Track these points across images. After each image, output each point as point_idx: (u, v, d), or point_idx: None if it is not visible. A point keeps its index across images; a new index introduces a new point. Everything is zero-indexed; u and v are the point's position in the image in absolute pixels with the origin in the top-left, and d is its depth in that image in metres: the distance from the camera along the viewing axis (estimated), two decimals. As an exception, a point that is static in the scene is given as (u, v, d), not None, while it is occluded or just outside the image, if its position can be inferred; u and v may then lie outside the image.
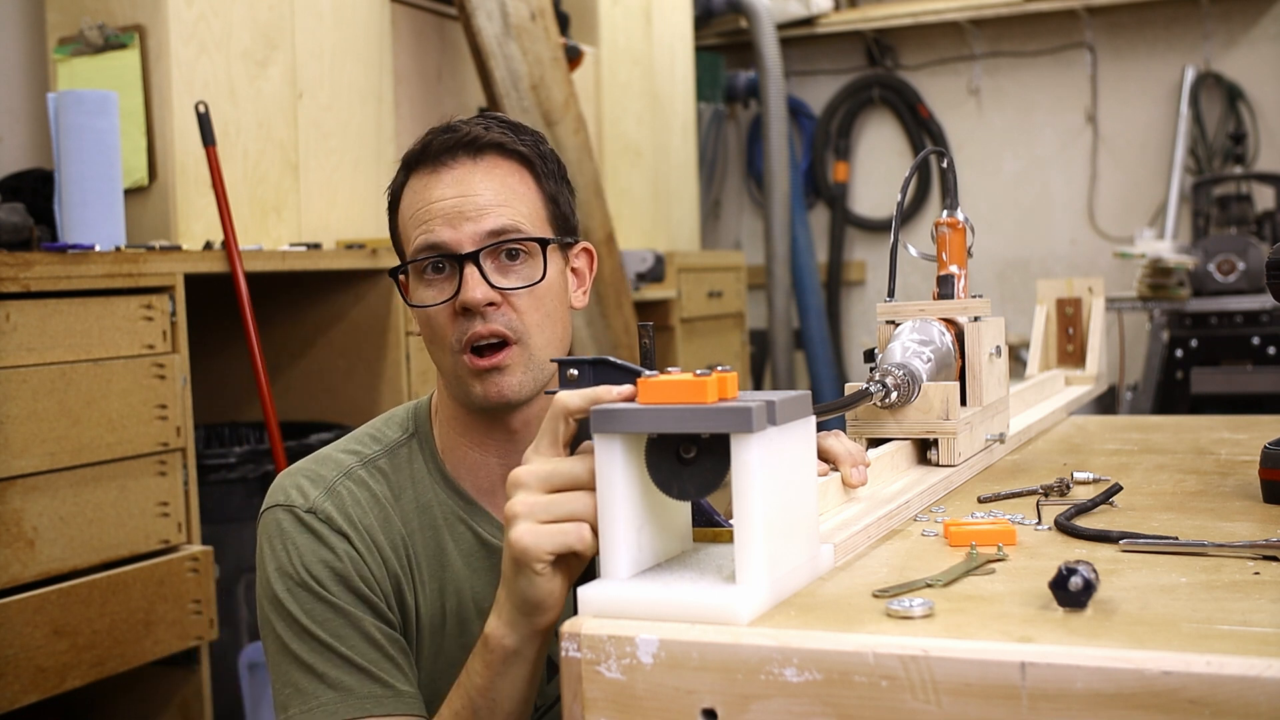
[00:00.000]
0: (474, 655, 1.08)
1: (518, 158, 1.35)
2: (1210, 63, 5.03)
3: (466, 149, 1.33)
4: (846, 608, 0.84)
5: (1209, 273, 3.99)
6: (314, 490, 1.31)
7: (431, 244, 1.31)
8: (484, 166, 1.33)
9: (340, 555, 1.29)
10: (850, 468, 1.16)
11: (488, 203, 1.31)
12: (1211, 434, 1.66)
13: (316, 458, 1.36)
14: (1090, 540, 1.03)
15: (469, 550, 1.36)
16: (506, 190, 1.33)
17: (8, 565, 2.02)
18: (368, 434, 1.40)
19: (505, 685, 1.07)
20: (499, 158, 1.34)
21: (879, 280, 5.54)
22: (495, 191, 1.32)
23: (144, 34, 2.57)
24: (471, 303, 1.28)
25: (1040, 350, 2.07)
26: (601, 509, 0.86)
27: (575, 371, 0.95)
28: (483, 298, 1.29)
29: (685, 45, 4.72)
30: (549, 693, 1.39)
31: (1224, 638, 0.75)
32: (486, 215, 1.30)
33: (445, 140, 1.33)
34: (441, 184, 1.32)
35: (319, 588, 1.27)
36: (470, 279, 1.29)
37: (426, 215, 1.31)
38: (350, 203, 3.03)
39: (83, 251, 2.18)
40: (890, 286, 1.46)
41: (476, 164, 1.33)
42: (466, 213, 1.30)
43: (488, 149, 1.33)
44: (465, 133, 1.33)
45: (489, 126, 1.35)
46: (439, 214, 1.31)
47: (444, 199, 1.31)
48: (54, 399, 2.09)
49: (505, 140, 1.34)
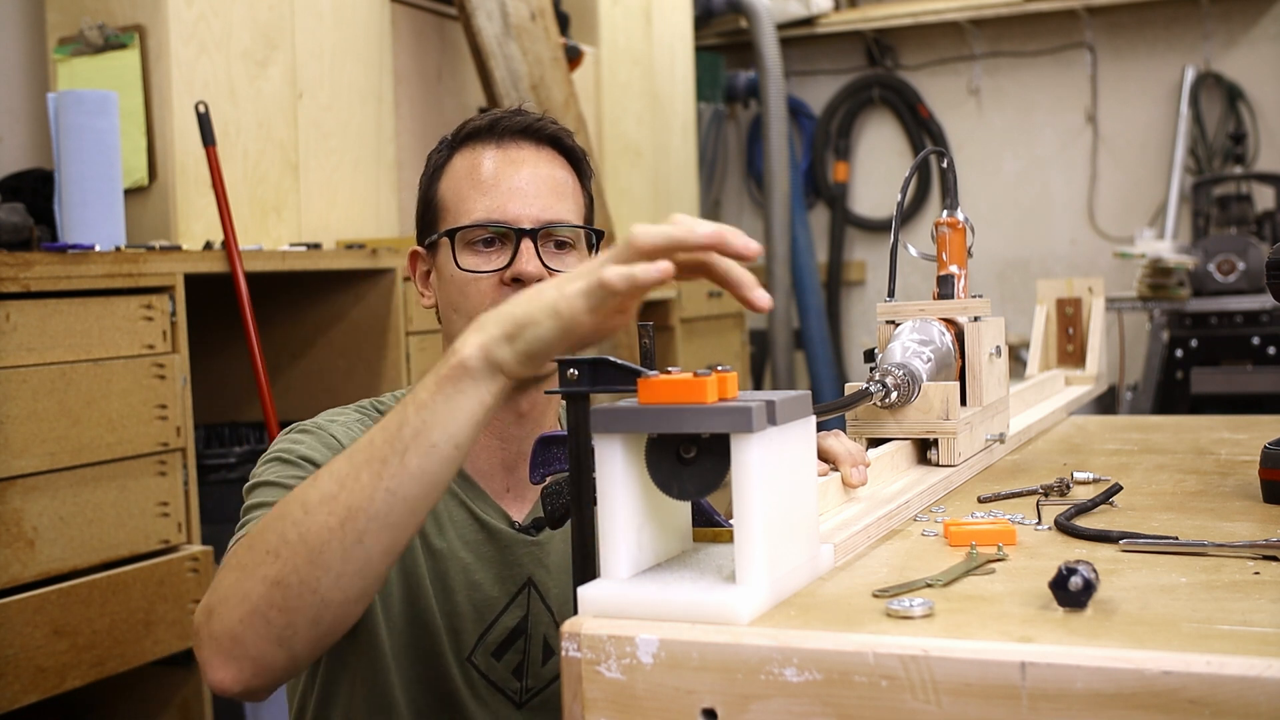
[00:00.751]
0: (430, 372, 1.00)
1: (571, 156, 1.43)
2: (1210, 63, 5.03)
3: (533, 135, 1.40)
4: (846, 608, 0.84)
5: (1209, 273, 3.99)
6: (320, 419, 1.36)
7: (491, 215, 1.35)
8: (545, 156, 1.40)
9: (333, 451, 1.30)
10: (850, 468, 1.16)
11: (548, 190, 1.37)
12: (1211, 434, 1.66)
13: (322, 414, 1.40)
14: (1090, 540, 1.03)
15: (462, 525, 1.38)
16: (563, 184, 1.40)
17: (8, 565, 2.02)
18: (370, 401, 1.44)
19: (444, 412, 0.97)
20: (557, 152, 1.42)
21: (879, 280, 5.54)
22: (556, 182, 1.39)
23: (144, 34, 2.57)
24: (526, 275, 1.33)
25: (1040, 350, 2.07)
26: (602, 509, 0.86)
27: (575, 371, 0.95)
28: (536, 272, 1.33)
29: (685, 45, 4.72)
30: (544, 675, 1.40)
31: (1224, 638, 0.75)
32: (546, 201, 1.37)
33: (517, 122, 1.39)
34: (509, 161, 1.38)
35: (302, 460, 1.28)
36: (526, 252, 1.34)
37: (488, 187, 1.36)
38: (350, 203, 3.03)
39: (83, 251, 2.18)
40: (890, 286, 1.46)
41: (539, 152, 1.40)
42: (528, 194, 1.36)
43: (550, 141, 1.41)
44: (534, 119, 1.40)
45: (551, 120, 1.43)
46: (502, 188, 1.36)
47: (510, 176, 1.36)
48: (54, 399, 2.09)
49: (564, 136, 1.42)
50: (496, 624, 1.38)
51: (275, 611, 1.01)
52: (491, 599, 1.38)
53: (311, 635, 1.02)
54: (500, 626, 1.38)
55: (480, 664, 1.38)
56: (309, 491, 1.01)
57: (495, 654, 1.38)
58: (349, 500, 0.98)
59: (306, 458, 1.28)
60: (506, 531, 1.39)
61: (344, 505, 0.99)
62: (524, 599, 1.39)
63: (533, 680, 1.40)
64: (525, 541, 1.40)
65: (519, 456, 1.41)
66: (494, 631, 1.38)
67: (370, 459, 0.99)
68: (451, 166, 1.40)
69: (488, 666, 1.38)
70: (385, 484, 0.98)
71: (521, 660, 1.39)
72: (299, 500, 1.02)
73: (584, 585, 0.85)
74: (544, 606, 1.40)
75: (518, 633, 1.39)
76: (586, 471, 0.93)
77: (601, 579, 0.86)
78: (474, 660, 1.37)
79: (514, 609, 1.39)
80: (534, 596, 1.40)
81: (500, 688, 1.38)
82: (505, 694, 1.39)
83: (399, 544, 1.01)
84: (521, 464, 1.42)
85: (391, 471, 0.98)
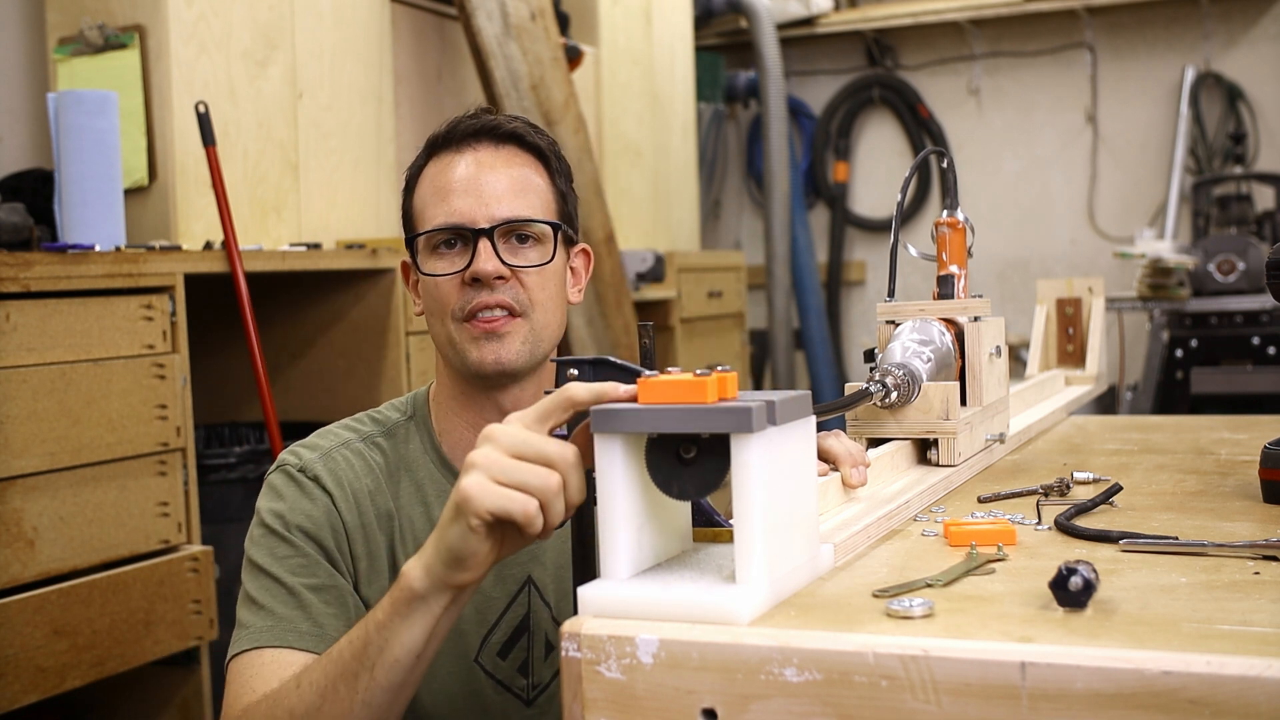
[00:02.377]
0: (387, 593, 1.08)
1: (535, 151, 1.42)
2: (1210, 63, 5.03)
3: (490, 135, 1.40)
4: (846, 608, 0.84)
5: (1209, 273, 3.99)
6: (309, 454, 1.38)
7: (449, 219, 1.36)
8: (504, 155, 1.40)
9: (318, 507, 1.33)
10: (850, 468, 1.16)
11: (505, 189, 1.37)
12: (1211, 434, 1.66)
13: (319, 432, 1.42)
14: (1090, 540, 1.03)
15: None
16: (523, 180, 1.39)
17: (8, 565, 2.02)
18: (368, 415, 1.45)
19: (402, 631, 1.05)
20: (518, 148, 1.41)
21: (879, 280, 5.54)
22: (513, 179, 1.38)
23: (144, 34, 2.57)
24: (482, 274, 1.34)
25: (1040, 350, 2.07)
26: (602, 509, 0.87)
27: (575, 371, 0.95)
28: (493, 270, 1.34)
29: (685, 45, 4.72)
30: (547, 671, 1.40)
31: (1224, 638, 0.75)
32: (503, 199, 1.37)
33: (470, 125, 1.40)
34: (464, 164, 1.38)
35: (286, 531, 1.32)
36: (483, 251, 1.35)
37: (447, 192, 1.37)
38: (350, 203, 3.03)
39: (83, 251, 2.18)
40: (890, 286, 1.46)
41: (498, 151, 1.40)
42: (484, 194, 1.37)
43: (509, 139, 1.41)
44: (490, 120, 1.40)
45: (511, 119, 1.42)
46: (459, 191, 1.37)
47: (464, 178, 1.37)
48: (54, 399, 2.09)
49: (525, 133, 1.42)
50: (500, 624, 1.39)
51: None
52: (492, 599, 1.39)
53: None
54: (504, 626, 1.39)
55: (487, 664, 1.38)
56: (295, 704, 1.12)
57: (501, 653, 1.39)
58: (332, 712, 1.10)
59: (300, 527, 1.33)
60: None
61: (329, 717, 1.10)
62: (524, 597, 1.40)
63: (537, 677, 1.41)
64: None
65: None
66: (498, 631, 1.39)
67: (344, 674, 1.09)
68: (421, 177, 1.42)
69: (494, 666, 1.39)
70: (360, 697, 1.08)
71: (526, 658, 1.40)
72: (287, 710, 1.13)
73: (584, 585, 0.85)
74: (543, 603, 1.41)
75: (521, 631, 1.40)
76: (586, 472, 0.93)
77: (601, 579, 0.86)
78: (481, 661, 1.38)
79: (515, 607, 1.40)
80: (533, 594, 1.41)
81: (508, 686, 1.39)
82: (513, 692, 1.39)
83: None
84: None
85: (364, 685, 1.08)
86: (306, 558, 1.31)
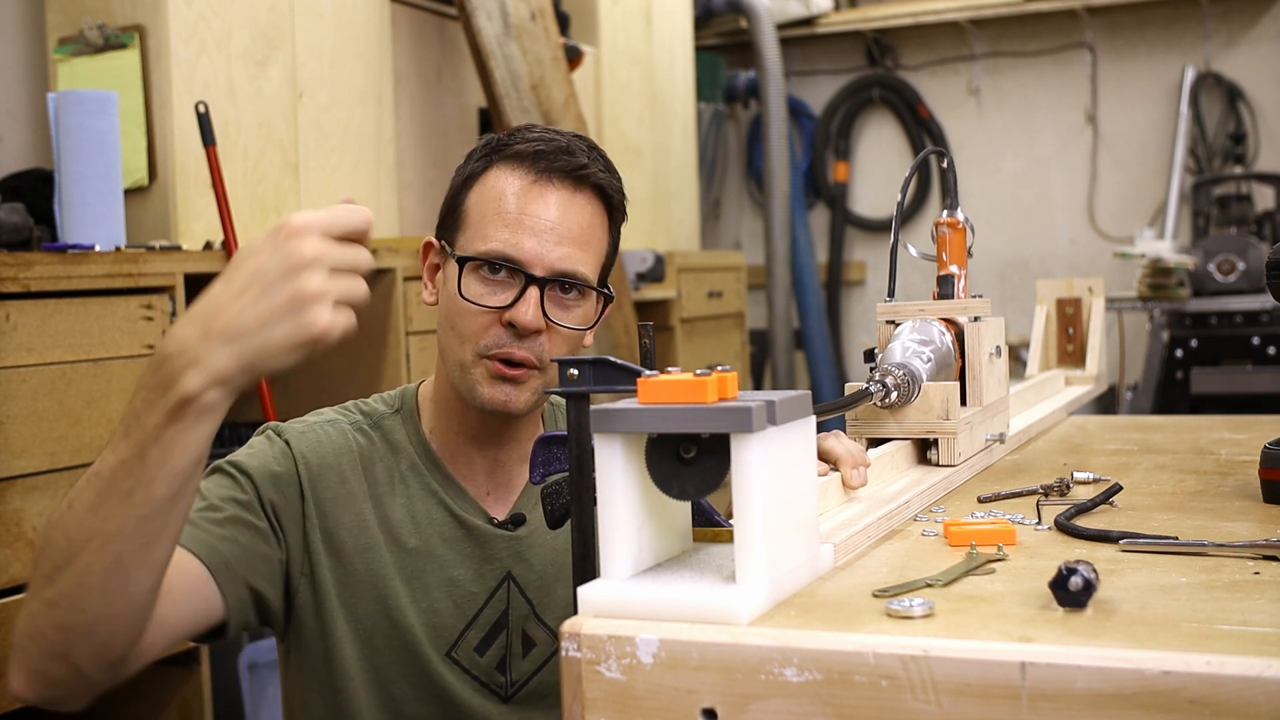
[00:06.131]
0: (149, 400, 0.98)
1: (608, 204, 1.39)
2: (1210, 63, 5.02)
3: (573, 178, 1.35)
4: (846, 608, 0.84)
5: (1209, 273, 3.99)
6: (293, 426, 1.39)
7: (508, 251, 1.33)
8: (579, 201, 1.36)
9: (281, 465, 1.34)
10: (850, 468, 1.16)
11: (572, 239, 1.34)
12: (1211, 434, 1.66)
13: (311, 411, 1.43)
14: (1090, 540, 1.03)
15: (440, 523, 1.40)
16: (588, 233, 1.36)
17: (8, 565, 2.02)
18: (355, 404, 1.46)
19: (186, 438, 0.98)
20: (594, 197, 1.38)
21: (879, 280, 5.54)
22: (581, 231, 1.35)
23: (144, 34, 2.57)
24: (522, 324, 1.32)
25: (1040, 350, 2.07)
26: (602, 509, 0.87)
27: (575, 371, 0.95)
28: (533, 323, 1.32)
29: (685, 45, 4.72)
30: (525, 668, 1.41)
31: (1224, 638, 0.75)
32: (564, 250, 1.33)
33: (558, 162, 1.35)
34: (539, 199, 1.34)
35: (236, 472, 1.32)
36: (530, 299, 1.32)
37: (516, 221, 1.33)
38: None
39: (83, 251, 2.18)
40: (890, 286, 1.46)
41: (574, 196, 1.36)
42: (550, 241, 1.33)
43: (589, 187, 1.37)
44: (580, 164, 1.35)
45: (593, 159, 1.37)
46: (527, 227, 1.33)
47: (536, 216, 1.33)
48: (54, 399, 2.09)
49: (605, 183, 1.38)
50: (478, 619, 1.39)
51: (51, 630, 1.05)
52: (471, 594, 1.39)
53: (89, 649, 1.06)
54: (481, 621, 1.40)
55: (463, 659, 1.39)
56: (71, 525, 1.02)
57: (478, 649, 1.39)
58: (105, 530, 1.00)
59: (249, 471, 1.32)
60: (484, 528, 1.41)
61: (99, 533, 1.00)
62: (504, 593, 1.41)
63: (516, 674, 1.41)
64: (503, 536, 1.41)
65: (496, 463, 1.44)
66: (475, 627, 1.39)
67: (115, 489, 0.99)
68: (485, 179, 1.37)
69: (470, 662, 1.39)
70: (136, 512, 0.99)
71: (504, 654, 1.40)
72: (61, 527, 1.03)
73: (584, 585, 0.85)
74: (523, 599, 1.41)
75: (500, 627, 1.40)
76: (586, 471, 0.93)
77: (601, 579, 0.86)
78: (455, 655, 1.38)
79: (494, 603, 1.40)
80: (513, 590, 1.41)
81: (485, 682, 1.40)
82: (491, 688, 1.40)
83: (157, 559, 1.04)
84: (500, 469, 1.44)
85: (140, 500, 0.99)
86: (244, 493, 1.31)
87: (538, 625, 1.42)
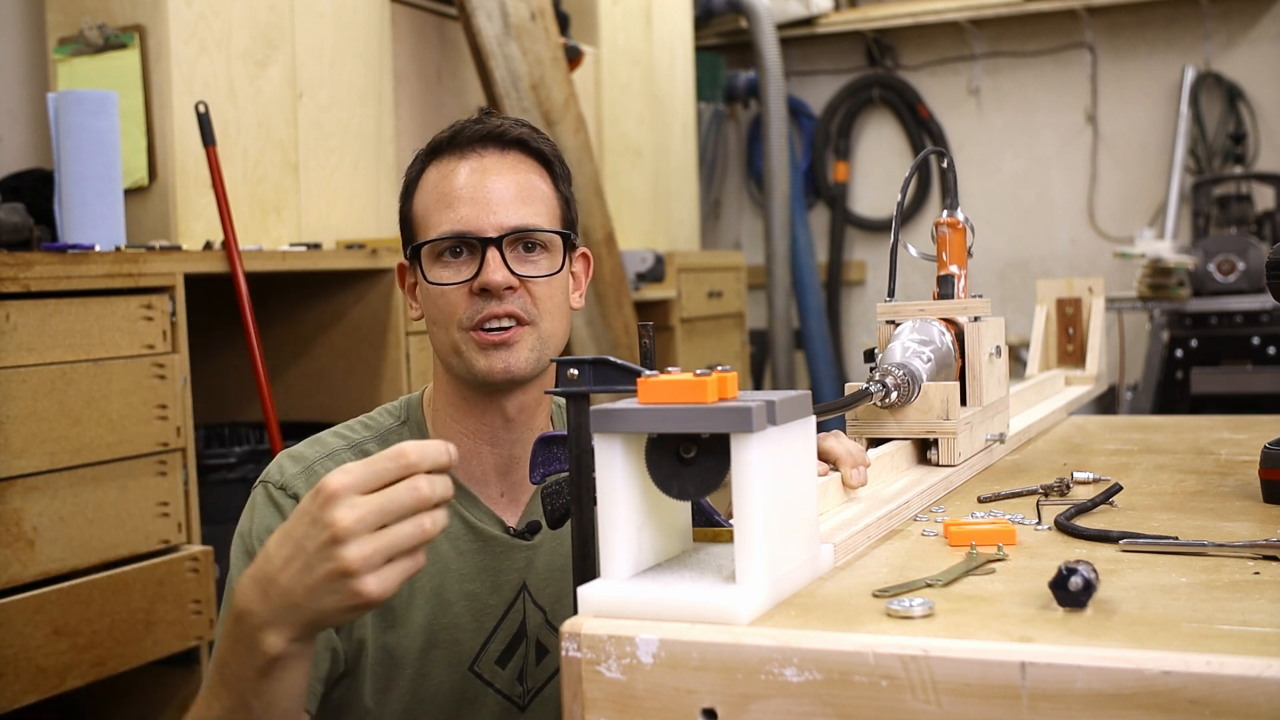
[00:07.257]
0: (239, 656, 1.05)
1: (539, 157, 1.41)
2: (1210, 63, 5.02)
3: (495, 141, 1.38)
4: (846, 608, 0.84)
5: (1209, 273, 3.99)
6: (293, 469, 1.35)
7: (456, 227, 1.34)
8: (509, 161, 1.38)
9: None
10: (850, 468, 1.16)
11: (511, 196, 1.36)
12: (1211, 434, 1.66)
13: (310, 440, 1.40)
14: (1090, 540, 1.03)
15: (456, 534, 1.38)
16: (529, 186, 1.38)
17: (8, 565, 2.02)
18: (360, 421, 1.43)
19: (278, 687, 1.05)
20: (523, 154, 1.39)
21: (879, 280, 5.54)
22: (519, 186, 1.37)
23: (144, 34, 2.57)
24: (492, 284, 1.32)
25: (1040, 350, 2.07)
26: (602, 509, 0.86)
27: (575, 371, 0.95)
28: (503, 280, 1.33)
29: (685, 45, 4.72)
30: (540, 675, 1.40)
31: (1224, 638, 0.75)
32: (510, 207, 1.35)
33: (475, 130, 1.38)
34: (468, 170, 1.36)
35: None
36: (492, 261, 1.33)
37: (452, 199, 1.35)
38: (350, 203, 3.03)
39: (83, 251, 2.18)
40: (890, 286, 1.46)
41: (503, 157, 1.38)
42: (491, 202, 1.35)
43: (513, 144, 1.39)
44: (495, 125, 1.38)
45: (515, 123, 1.40)
46: (465, 198, 1.35)
47: (470, 185, 1.35)
48: (54, 399, 2.09)
49: (529, 138, 1.40)
50: (498, 632, 1.38)
51: None
52: (489, 606, 1.37)
53: None
54: (501, 634, 1.38)
55: (485, 673, 1.37)
56: None
57: (500, 662, 1.38)
58: None
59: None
60: (501, 537, 1.39)
61: None
62: (520, 604, 1.39)
63: (531, 682, 1.40)
64: (520, 546, 1.39)
65: (510, 461, 1.41)
66: (495, 640, 1.38)
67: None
68: (422, 181, 1.40)
69: (493, 675, 1.38)
70: None
71: (523, 665, 1.39)
72: None
73: (584, 585, 0.85)
74: (536, 608, 1.40)
75: (519, 638, 1.39)
76: (586, 471, 0.94)
77: (601, 579, 0.86)
78: (478, 669, 1.37)
79: (512, 614, 1.39)
80: (527, 600, 1.40)
81: (506, 694, 1.38)
82: (511, 699, 1.38)
83: None
84: (514, 468, 1.42)
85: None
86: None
87: (551, 632, 1.40)
